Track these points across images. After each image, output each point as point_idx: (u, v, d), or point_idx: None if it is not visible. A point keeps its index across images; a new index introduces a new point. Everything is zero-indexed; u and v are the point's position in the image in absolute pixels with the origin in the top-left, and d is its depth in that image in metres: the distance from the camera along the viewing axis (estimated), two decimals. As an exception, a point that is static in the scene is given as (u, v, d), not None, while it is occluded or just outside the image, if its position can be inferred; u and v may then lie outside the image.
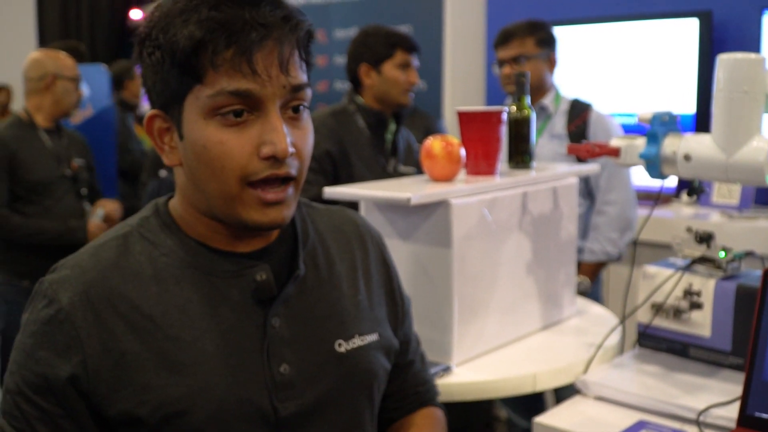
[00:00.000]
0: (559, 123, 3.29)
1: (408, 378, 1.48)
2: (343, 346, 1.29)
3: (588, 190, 3.28)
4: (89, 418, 1.14)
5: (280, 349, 1.22)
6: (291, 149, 1.13)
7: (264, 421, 1.18)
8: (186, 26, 1.09)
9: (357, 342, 1.31)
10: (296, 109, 1.16)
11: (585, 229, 3.30)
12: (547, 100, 3.31)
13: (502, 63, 3.30)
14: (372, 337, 1.34)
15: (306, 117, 1.20)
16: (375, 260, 1.43)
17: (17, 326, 1.20)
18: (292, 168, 1.16)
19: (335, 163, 2.88)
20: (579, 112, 3.29)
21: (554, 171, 2.21)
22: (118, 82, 5.60)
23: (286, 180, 1.16)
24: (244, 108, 1.12)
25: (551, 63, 3.32)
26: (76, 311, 1.13)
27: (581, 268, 3.27)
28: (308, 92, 1.18)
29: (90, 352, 1.12)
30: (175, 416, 1.12)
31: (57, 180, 3.62)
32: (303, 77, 1.16)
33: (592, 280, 3.27)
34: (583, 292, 3.09)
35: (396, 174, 3.02)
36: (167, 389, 1.13)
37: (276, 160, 1.13)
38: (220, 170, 1.13)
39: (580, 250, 3.28)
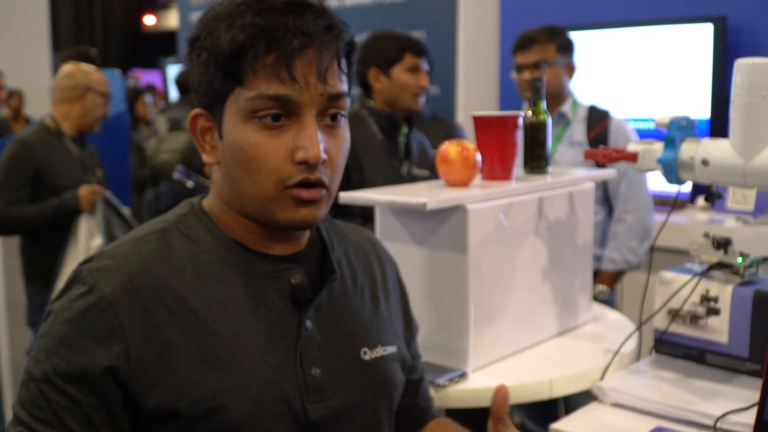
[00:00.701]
0: (578, 130, 3.28)
1: (419, 393, 1.52)
2: (368, 354, 1.32)
3: (605, 197, 3.27)
4: (123, 410, 1.12)
5: (312, 352, 1.24)
6: (324, 156, 1.16)
7: (295, 422, 1.20)
8: (230, 30, 1.13)
9: (380, 351, 1.34)
10: (333, 118, 1.19)
11: (603, 237, 3.29)
12: (566, 107, 3.30)
13: (521, 68, 3.27)
14: (392, 349, 1.38)
15: (343, 126, 1.22)
16: (392, 278, 1.47)
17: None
18: (324, 175, 1.18)
19: (347, 168, 2.88)
20: (598, 119, 3.28)
21: (570, 176, 2.20)
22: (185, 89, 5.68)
23: (317, 184, 1.18)
24: (282, 113, 1.15)
25: (570, 70, 3.31)
26: (119, 300, 1.12)
27: (601, 276, 3.25)
28: (347, 102, 1.21)
29: (133, 341, 1.11)
30: (213, 411, 1.13)
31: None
32: (342, 87, 1.19)
33: (611, 288, 3.26)
34: (603, 301, 3.08)
35: (410, 177, 3.02)
36: (209, 383, 1.13)
37: (308, 165, 1.15)
38: (257, 172, 1.16)
39: (598, 259, 3.27)
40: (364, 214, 2.82)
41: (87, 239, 3.53)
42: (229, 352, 1.16)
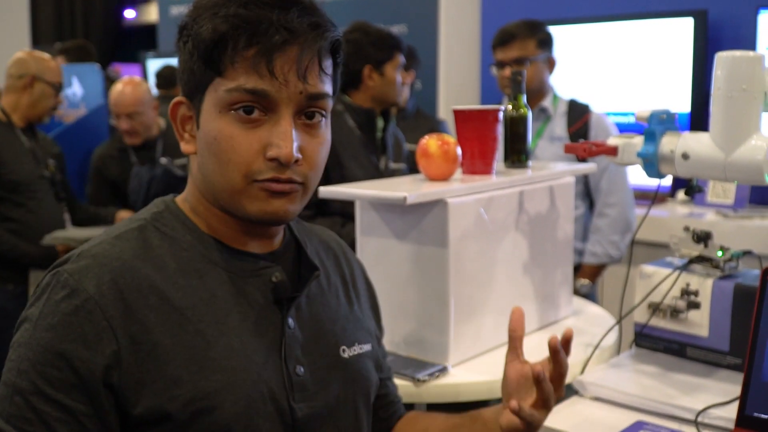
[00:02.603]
0: (559, 125, 3.29)
1: (390, 390, 1.52)
2: (346, 352, 1.32)
3: (587, 191, 3.28)
4: (116, 417, 1.09)
5: (295, 350, 1.23)
6: (297, 155, 1.14)
7: (282, 421, 1.19)
8: (213, 19, 1.12)
9: (357, 350, 1.34)
10: (312, 117, 1.17)
11: (584, 231, 3.30)
12: (546, 102, 3.31)
13: (501, 64, 3.27)
14: (367, 347, 1.38)
15: (323, 127, 1.21)
16: (360, 278, 1.48)
17: (2, 330, 1.18)
18: (297, 175, 1.16)
19: (326, 167, 2.87)
20: (579, 113, 3.29)
21: (550, 170, 2.20)
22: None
23: (287, 183, 1.16)
24: (257, 106, 1.13)
25: (551, 64, 3.32)
26: (106, 301, 1.09)
27: (582, 270, 3.27)
28: (328, 102, 1.19)
29: (123, 343, 1.08)
30: (204, 412, 1.11)
31: (37, 180, 3.59)
32: (322, 87, 1.17)
33: (593, 282, 3.27)
34: (584, 295, 3.09)
35: (388, 171, 3.02)
36: (198, 384, 1.11)
37: (280, 163, 1.13)
38: (227, 164, 1.14)
39: (580, 252, 3.28)
40: (344, 212, 2.81)
41: None
42: (217, 352, 1.14)
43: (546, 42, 3.28)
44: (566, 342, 1.36)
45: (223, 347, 1.15)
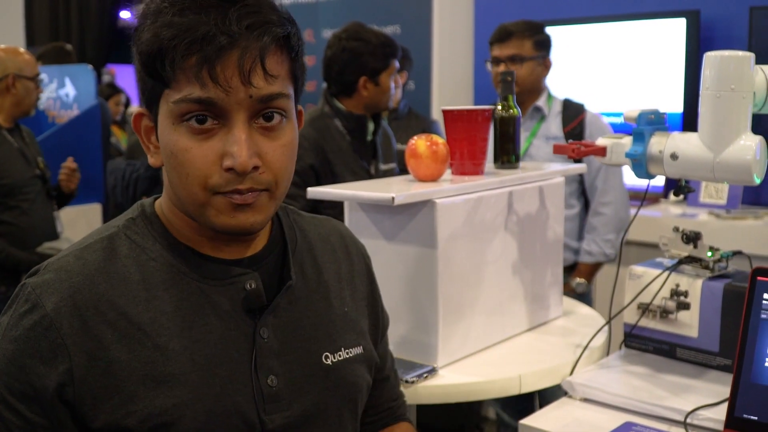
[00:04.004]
0: (554, 124, 3.29)
1: (384, 392, 1.48)
2: (329, 359, 1.28)
3: (582, 190, 3.29)
4: (74, 431, 1.10)
5: (268, 360, 1.20)
6: (254, 162, 1.10)
7: None
8: (151, 29, 1.08)
9: (343, 355, 1.30)
10: (269, 118, 1.13)
11: (580, 230, 3.31)
12: (541, 102, 3.31)
13: (497, 61, 3.27)
14: (357, 350, 1.33)
15: (284, 126, 1.15)
16: (360, 272, 1.42)
17: None
18: (258, 183, 1.12)
19: (318, 176, 2.88)
20: (574, 113, 3.29)
21: (540, 170, 2.20)
22: None
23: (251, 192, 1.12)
24: (208, 115, 1.09)
25: (546, 66, 3.32)
26: (62, 318, 1.09)
27: (578, 269, 3.28)
28: (286, 101, 1.14)
29: (77, 360, 1.08)
30: (162, 427, 1.10)
31: (29, 181, 3.57)
32: (273, 87, 1.11)
33: (589, 281, 3.28)
34: (581, 294, 3.09)
35: (379, 175, 3.02)
36: (155, 400, 1.10)
37: (237, 173, 1.10)
38: (186, 177, 1.11)
39: (576, 251, 3.29)
40: (336, 216, 2.81)
41: None
42: (176, 367, 1.12)
43: (543, 43, 3.28)
44: None
45: (184, 362, 1.13)
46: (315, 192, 1.95)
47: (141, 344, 1.11)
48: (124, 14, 11.54)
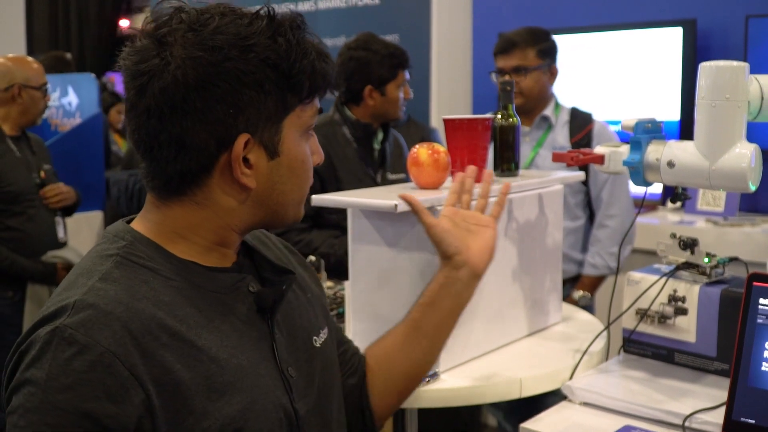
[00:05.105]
0: (561, 134, 3.27)
1: (350, 344, 1.60)
2: (317, 341, 1.38)
3: (587, 202, 3.27)
4: None
5: (284, 354, 1.28)
6: None
7: (290, 424, 1.24)
8: (306, 57, 1.23)
9: (323, 335, 1.41)
10: None
11: (584, 242, 3.29)
12: (548, 111, 3.29)
13: (501, 72, 3.25)
14: (325, 330, 1.43)
15: None
16: (295, 261, 1.50)
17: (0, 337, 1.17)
18: None
19: (323, 181, 2.90)
20: (582, 123, 3.26)
21: (540, 178, 2.22)
22: None
23: None
24: None
25: (552, 74, 3.29)
26: (123, 350, 1.06)
27: (582, 281, 3.25)
28: None
29: (148, 389, 1.06)
30: None
31: (32, 189, 3.59)
32: None
33: (592, 294, 3.24)
34: (584, 306, 3.05)
35: (385, 183, 3.03)
36: (223, 410, 1.13)
37: None
38: (306, 181, 1.29)
39: (580, 264, 3.27)
40: (340, 225, 2.82)
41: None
42: (230, 375, 1.16)
43: (547, 51, 3.26)
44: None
45: (235, 368, 1.17)
46: (319, 199, 1.97)
47: (198, 360, 1.13)
48: (124, 23, 11.55)
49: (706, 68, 1.64)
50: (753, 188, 1.63)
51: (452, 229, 1.62)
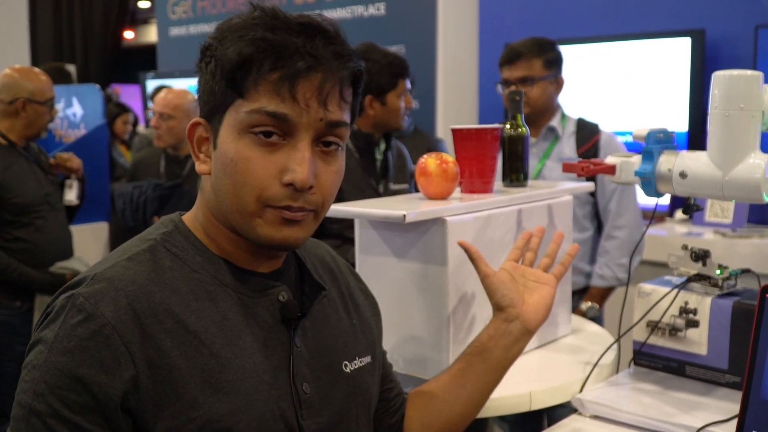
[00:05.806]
0: (568, 145, 3.25)
1: (396, 384, 1.56)
2: (348, 367, 1.35)
3: (595, 213, 3.25)
4: None
5: (302, 368, 1.26)
6: (311, 181, 1.16)
7: None
8: (239, 42, 1.14)
9: (357, 363, 1.37)
10: (328, 144, 1.19)
11: (593, 253, 3.27)
12: (555, 122, 3.27)
13: (507, 83, 3.24)
14: (367, 359, 1.41)
15: (339, 156, 1.23)
16: (355, 288, 1.49)
17: (6, 348, 1.18)
18: (309, 203, 1.18)
19: None
20: (588, 134, 3.25)
21: (549, 189, 2.20)
22: None
23: (299, 211, 1.18)
24: (276, 131, 1.15)
25: (558, 84, 3.28)
26: (123, 325, 1.09)
27: (590, 293, 3.24)
28: (346, 131, 1.21)
29: (140, 367, 1.09)
30: None
31: (42, 199, 3.60)
32: (342, 115, 1.19)
33: (601, 305, 3.23)
34: (592, 318, 3.04)
35: (388, 193, 3.02)
36: (213, 406, 1.13)
37: (295, 189, 1.15)
38: (241, 186, 1.16)
39: (588, 275, 3.25)
40: (342, 235, 2.81)
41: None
42: (230, 374, 1.16)
43: (553, 62, 3.24)
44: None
45: (236, 369, 1.17)
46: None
47: (198, 352, 1.14)
48: (128, 35, 11.59)
49: (719, 77, 1.62)
50: (767, 199, 1.62)
51: (508, 282, 1.62)
